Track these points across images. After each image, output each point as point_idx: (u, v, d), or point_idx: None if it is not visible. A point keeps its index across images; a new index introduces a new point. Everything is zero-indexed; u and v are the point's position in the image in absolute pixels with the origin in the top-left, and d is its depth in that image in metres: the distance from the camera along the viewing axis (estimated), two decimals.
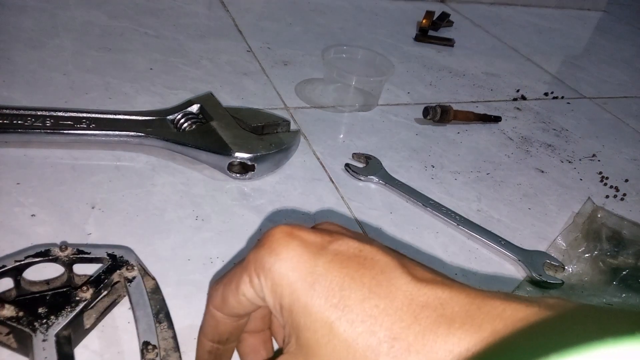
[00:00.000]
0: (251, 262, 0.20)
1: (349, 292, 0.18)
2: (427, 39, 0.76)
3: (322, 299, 0.18)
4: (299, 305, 0.18)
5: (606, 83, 0.78)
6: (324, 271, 0.18)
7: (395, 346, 0.17)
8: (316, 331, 0.18)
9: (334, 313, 0.18)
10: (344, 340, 0.17)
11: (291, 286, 0.18)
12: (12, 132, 0.38)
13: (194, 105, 0.44)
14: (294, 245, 0.19)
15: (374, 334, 0.17)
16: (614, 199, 0.51)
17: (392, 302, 0.17)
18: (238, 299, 0.21)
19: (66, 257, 0.29)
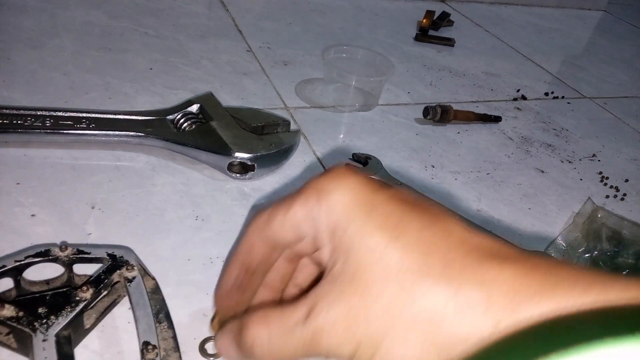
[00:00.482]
0: (310, 186, 0.20)
1: (407, 222, 0.18)
2: (427, 38, 0.76)
3: (380, 222, 0.18)
4: (355, 226, 0.18)
5: (606, 83, 0.78)
6: (382, 202, 0.19)
7: (448, 270, 0.17)
8: (369, 250, 0.18)
9: (390, 234, 0.18)
10: (398, 260, 0.18)
11: (349, 209, 0.19)
12: (12, 132, 0.38)
13: (194, 105, 0.44)
14: (356, 178, 0.20)
15: (428, 257, 0.17)
16: (614, 199, 0.51)
17: (447, 237, 0.18)
18: (285, 220, 0.21)
19: (66, 257, 0.29)
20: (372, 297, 0.18)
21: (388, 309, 0.17)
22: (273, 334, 0.20)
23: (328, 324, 0.18)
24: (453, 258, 0.17)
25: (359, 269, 0.18)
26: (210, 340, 0.29)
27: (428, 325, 0.17)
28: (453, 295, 0.17)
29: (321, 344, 0.18)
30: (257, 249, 0.23)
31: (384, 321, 0.17)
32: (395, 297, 0.17)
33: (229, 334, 0.22)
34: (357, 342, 0.18)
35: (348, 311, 0.18)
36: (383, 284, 0.18)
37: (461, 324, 0.16)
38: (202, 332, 0.29)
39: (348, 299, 0.18)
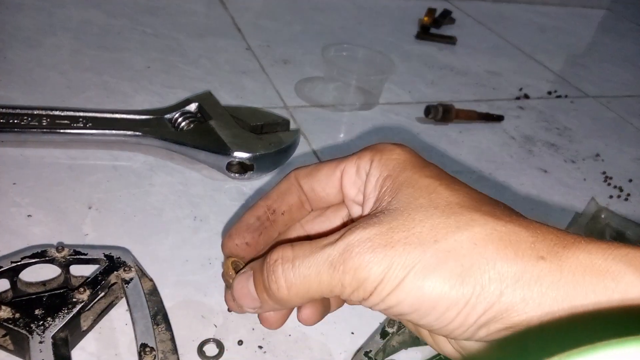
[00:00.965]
0: (367, 149, 0.21)
1: (458, 181, 0.19)
2: (428, 36, 0.75)
3: (435, 173, 0.19)
4: (410, 172, 0.19)
5: (610, 82, 0.77)
6: (436, 167, 0.20)
7: (496, 210, 0.18)
8: (420, 187, 0.18)
9: (443, 180, 0.19)
10: (448, 197, 0.18)
11: (406, 161, 0.20)
12: (8, 132, 0.38)
13: (193, 104, 0.43)
14: (408, 148, 0.21)
15: (477, 202, 0.18)
16: (618, 199, 0.50)
17: (496, 202, 0.19)
18: (332, 172, 0.21)
19: (63, 258, 0.28)
20: (414, 221, 0.17)
21: (430, 232, 0.17)
22: (298, 254, 0.18)
23: (363, 239, 0.17)
24: (501, 209, 0.18)
25: (407, 201, 0.18)
26: (208, 342, 0.29)
27: (469, 251, 0.16)
28: (501, 226, 0.17)
29: (351, 259, 0.17)
30: (291, 195, 0.22)
31: (423, 242, 0.17)
32: (440, 221, 0.17)
33: (248, 272, 0.20)
34: (390, 261, 0.16)
35: (387, 230, 0.17)
36: (429, 211, 0.17)
37: (504, 254, 0.16)
38: (201, 333, 0.29)
39: (389, 221, 0.17)
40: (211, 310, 0.31)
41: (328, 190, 0.21)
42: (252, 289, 0.20)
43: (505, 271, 0.16)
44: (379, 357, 0.29)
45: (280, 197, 0.22)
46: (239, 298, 0.21)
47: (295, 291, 0.18)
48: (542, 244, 0.16)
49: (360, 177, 0.20)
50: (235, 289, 0.21)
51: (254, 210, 0.23)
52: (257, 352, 0.29)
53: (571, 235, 0.17)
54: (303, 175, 0.22)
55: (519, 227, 0.17)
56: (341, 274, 0.17)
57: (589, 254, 0.15)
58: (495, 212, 0.17)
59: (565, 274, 0.15)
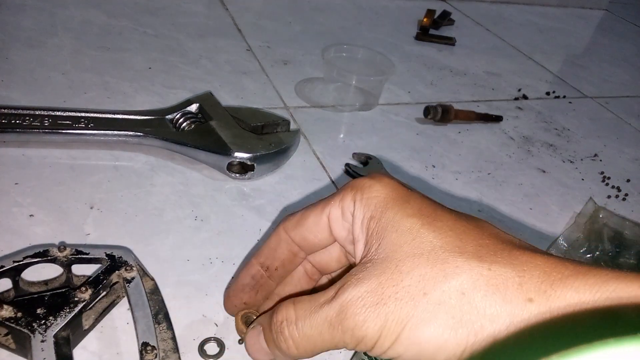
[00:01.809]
0: (348, 186, 0.21)
1: (442, 213, 0.19)
2: (427, 37, 0.76)
3: (416, 209, 0.19)
4: (391, 213, 0.19)
5: (608, 82, 0.78)
6: (417, 198, 0.20)
7: (481, 250, 0.17)
8: (403, 232, 0.18)
9: (425, 218, 0.19)
10: (431, 240, 0.18)
11: (387, 200, 0.20)
12: (10, 132, 0.38)
13: (193, 105, 0.44)
14: (390, 180, 0.21)
15: (461, 240, 0.18)
16: (616, 199, 0.51)
17: (480, 229, 0.19)
18: (319, 219, 0.21)
19: (65, 257, 0.29)
20: (402, 274, 0.18)
21: (418, 284, 0.17)
22: (300, 315, 0.19)
23: (355, 298, 0.18)
24: (486, 244, 0.18)
25: (392, 249, 0.18)
26: (209, 341, 0.29)
27: (458, 301, 0.16)
28: (486, 270, 0.17)
29: (347, 320, 0.18)
30: (282, 250, 0.23)
31: (413, 297, 0.17)
32: (427, 272, 0.17)
33: (257, 327, 0.21)
34: (384, 319, 0.17)
35: (377, 287, 0.18)
36: (415, 261, 0.18)
37: (493, 300, 0.16)
38: (202, 333, 0.29)
39: (378, 275, 0.18)
40: (212, 309, 0.31)
41: (320, 236, 0.22)
42: (264, 344, 0.21)
43: (496, 317, 0.16)
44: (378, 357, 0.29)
45: (272, 254, 0.23)
46: (252, 353, 0.22)
47: (303, 349, 0.19)
48: (530, 284, 0.16)
49: (346, 219, 0.21)
50: (248, 345, 0.22)
51: (247, 269, 0.24)
52: None
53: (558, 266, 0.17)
54: (291, 227, 0.22)
55: (505, 268, 0.17)
56: (341, 333, 0.18)
57: (576, 292, 0.16)
58: (480, 252, 0.18)
59: (555, 315, 0.15)
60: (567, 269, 0.16)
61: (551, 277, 0.16)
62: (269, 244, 0.23)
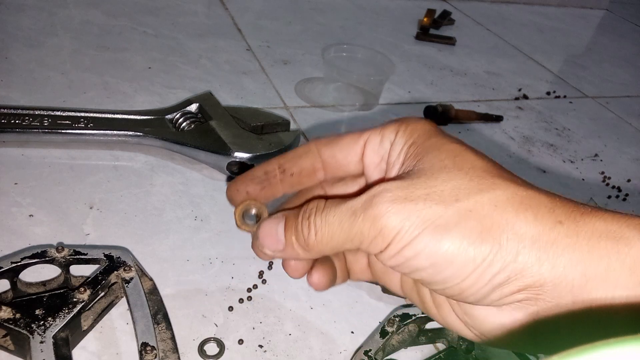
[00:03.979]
0: (392, 120, 0.21)
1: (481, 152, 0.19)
2: (428, 37, 0.75)
3: (458, 141, 0.19)
4: (435, 138, 0.19)
5: (608, 82, 0.78)
6: (459, 139, 0.20)
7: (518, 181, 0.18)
8: (447, 150, 0.18)
9: (466, 147, 0.19)
10: (474, 159, 0.18)
11: (431, 130, 0.20)
12: (9, 132, 0.38)
13: (193, 105, 0.44)
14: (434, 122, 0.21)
15: (500, 169, 0.18)
16: (616, 199, 0.51)
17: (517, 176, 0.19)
18: (354, 141, 0.21)
19: (63, 258, 0.28)
20: (438, 180, 0.17)
21: (452, 191, 0.17)
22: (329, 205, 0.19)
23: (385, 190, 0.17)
24: (523, 180, 0.18)
25: (432, 163, 0.18)
26: (209, 341, 0.29)
27: (490, 211, 0.16)
28: (522, 191, 0.17)
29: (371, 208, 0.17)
30: (305, 160, 0.22)
31: (444, 199, 0.17)
32: (464, 183, 0.17)
33: (279, 216, 0.21)
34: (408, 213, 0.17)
35: (409, 185, 0.17)
36: (453, 173, 0.18)
37: (524, 217, 0.16)
38: (202, 333, 0.29)
39: (412, 177, 0.18)
40: (212, 309, 0.31)
41: (349, 158, 0.21)
42: (281, 231, 0.20)
43: (524, 233, 0.16)
44: (378, 356, 0.29)
45: (294, 159, 0.22)
46: (263, 238, 0.21)
47: (320, 237, 0.19)
48: (561, 210, 0.16)
49: (383, 147, 0.21)
50: (263, 232, 0.21)
51: (265, 164, 0.23)
52: (257, 351, 0.29)
53: (589, 205, 0.17)
54: (324, 143, 0.22)
55: (539, 194, 0.17)
56: (361, 221, 0.18)
57: (604, 221, 0.16)
58: (517, 179, 0.18)
59: (581, 239, 0.16)
60: (598, 207, 0.17)
61: (582, 209, 0.17)
62: (296, 151, 0.23)
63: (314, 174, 0.22)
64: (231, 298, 0.32)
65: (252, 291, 0.32)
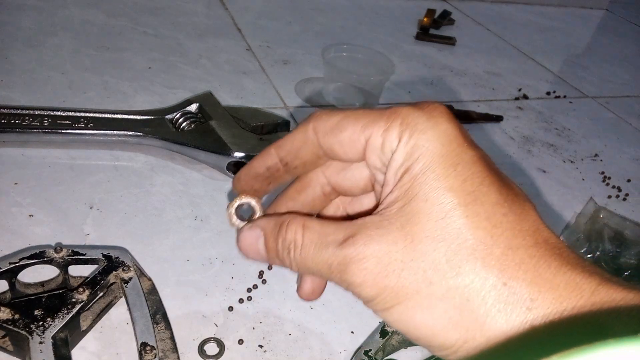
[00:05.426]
0: (400, 116, 0.19)
1: (487, 190, 0.17)
2: (428, 37, 0.75)
3: (459, 182, 0.17)
4: (432, 175, 0.17)
5: (608, 82, 0.78)
6: (470, 161, 0.18)
7: (508, 256, 0.16)
8: (435, 205, 0.17)
9: (463, 198, 0.17)
10: (460, 226, 0.16)
11: (434, 156, 0.18)
12: (9, 132, 0.38)
13: (193, 105, 0.44)
14: (454, 125, 0.18)
15: (492, 235, 0.16)
16: (616, 199, 0.51)
17: (520, 222, 0.17)
18: (356, 137, 0.19)
19: (61, 258, 0.28)
20: (415, 253, 0.17)
21: (426, 271, 0.16)
22: (306, 244, 0.19)
23: (359, 258, 0.17)
24: (516, 247, 0.16)
25: (416, 219, 0.17)
26: (209, 341, 0.29)
27: (462, 303, 0.16)
28: (501, 285, 0.16)
29: (345, 274, 0.17)
30: (306, 151, 0.21)
31: (417, 281, 0.16)
32: (441, 262, 0.16)
33: (257, 229, 0.21)
34: (380, 289, 0.17)
35: (385, 254, 0.17)
36: (433, 245, 0.16)
37: (495, 318, 0.16)
38: (202, 333, 0.29)
39: (391, 242, 0.17)
40: (212, 309, 0.31)
41: (350, 155, 0.20)
42: (262, 248, 0.21)
43: (493, 335, 0.16)
44: (378, 356, 0.29)
45: (294, 151, 0.21)
46: (246, 251, 0.21)
47: (301, 271, 0.20)
48: (538, 310, 0.15)
49: (384, 154, 0.19)
50: (244, 243, 0.21)
51: (265, 158, 0.22)
52: (257, 352, 0.29)
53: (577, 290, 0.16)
54: (323, 131, 0.20)
55: (520, 287, 0.16)
56: (337, 279, 0.18)
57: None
58: (505, 260, 0.16)
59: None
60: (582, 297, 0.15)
61: (562, 306, 0.15)
62: (294, 139, 0.21)
63: (317, 161, 0.22)
64: (231, 298, 0.32)
65: (252, 291, 0.32)
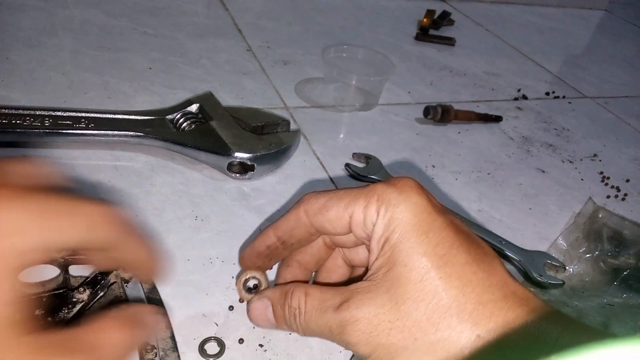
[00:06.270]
0: (376, 193, 0.22)
1: (456, 252, 0.20)
2: (427, 38, 0.76)
3: (431, 247, 0.20)
4: (408, 244, 0.20)
5: (607, 83, 0.78)
6: (440, 227, 0.21)
7: (479, 310, 0.19)
8: (413, 269, 0.20)
9: (436, 261, 0.20)
10: (435, 287, 0.19)
11: (408, 226, 0.21)
12: (10, 132, 0.38)
13: (193, 105, 0.44)
14: (423, 197, 0.21)
15: (464, 293, 0.19)
16: (615, 199, 0.51)
17: (488, 278, 0.20)
18: (341, 215, 0.23)
19: (61, 258, 0.29)
20: (399, 313, 0.20)
21: (411, 329, 0.19)
22: (309, 310, 0.22)
23: (353, 320, 0.20)
24: (487, 300, 0.19)
25: (398, 282, 0.20)
26: (209, 340, 0.29)
27: (444, 356, 0.19)
28: (475, 337, 0.19)
29: (343, 335, 0.21)
30: (300, 230, 0.24)
31: (404, 338, 0.19)
32: (422, 320, 0.19)
33: (265, 300, 0.24)
34: (374, 347, 0.20)
35: (374, 316, 0.20)
36: (414, 305, 0.19)
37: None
38: (202, 332, 0.29)
39: (379, 305, 0.20)
40: (212, 309, 0.31)
41: (339, 230, 0.23)
42: (271, 316, 0.24)
43: None
44: None
45: (289, 231, 0.25)
46: (256, 320, 0.25)
47: (308, 334, 0.23)
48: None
49: (367, 227, 0.22)
50: (255, 313, 0.25)
51: (264, 239, 0.26)
52: (257, 351, 0.29)
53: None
54: (312, 213, 0.23)
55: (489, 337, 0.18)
56: (338, 340, 0.21)
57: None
58: (477, 314, 0.19)
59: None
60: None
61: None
62: (288, 221, 0.24)
63: (310, 238, 0.25)
64: (231, 297, 0.32)
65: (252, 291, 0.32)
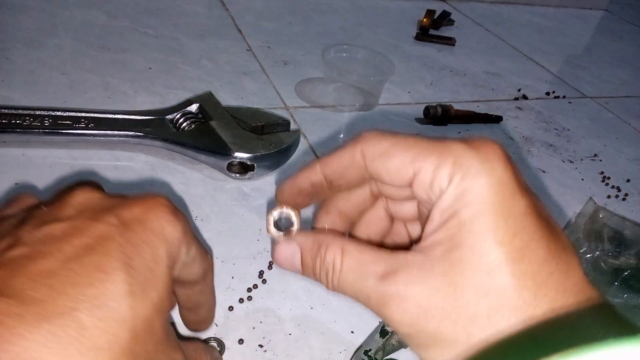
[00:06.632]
0: (453, 154, 0.18)
1: (535, 247, 0.17)
2: (427, 38, 0.76)
3: (509, 236, 0.17)
4: (481, 226, 0.17)
5: (608, 83, 0.78)
6: (522, 213, 0.17)
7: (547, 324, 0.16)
8: (483, 258, 0.17)
9: (512, 254, 0.17)
10: (505, 284, 0.16)
11: (486, 204, 0.17)
12: (10, 132, 0.38)
13: (194, 105, 0.44)
14: (509, 171, 0.17)
15: (537, 297, 0.16)
16: (616, 199, 0.51)
17: (565, 280, 0.17)
18: (405, 168, 0.19)
19: None
20: (457, 303, 0.17)
21: (467, 324, 0.16)
22: (345, 270, 0.19)
23: (400, 297, 0.17)
24: (560, 307, 0.16)
25: (461, 269, 0.17)
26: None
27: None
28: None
29: (384, 310, 0.18)
30: (352, 173, 0.21)
31: (456, 331, 0.17)
32: (482, 317, 0.16)
33: (294, 244, 0.21)
34: (417, 331, 0.17)
35: (426, 299, 0.17)
36: (476, 299, 0.16)
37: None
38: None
39: (433, 288, 0.17)
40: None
41: (396, 182, 0.19)
42: (297, 263, 0.21)
43: None
44: (378, 356, 0.29)
45: (340, 172, 0.21)
46: (281, 263, 0.22)
47: (338, 292, 0.20)
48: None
49: (433, 191, 0.18)
50: (280, 256, 0.22)
51: (310, 174, 0.22)
52: (257, 351, 0.29)
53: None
54: (371, 156, 0.20)
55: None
56: (375, 310, 0.19)
57: None
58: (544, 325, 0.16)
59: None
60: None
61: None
62: (341, 159, 0.21)
63: (361, 183, 0.22)
64: (231, 298, 0.32)
65: (252, 291, 0.33)
